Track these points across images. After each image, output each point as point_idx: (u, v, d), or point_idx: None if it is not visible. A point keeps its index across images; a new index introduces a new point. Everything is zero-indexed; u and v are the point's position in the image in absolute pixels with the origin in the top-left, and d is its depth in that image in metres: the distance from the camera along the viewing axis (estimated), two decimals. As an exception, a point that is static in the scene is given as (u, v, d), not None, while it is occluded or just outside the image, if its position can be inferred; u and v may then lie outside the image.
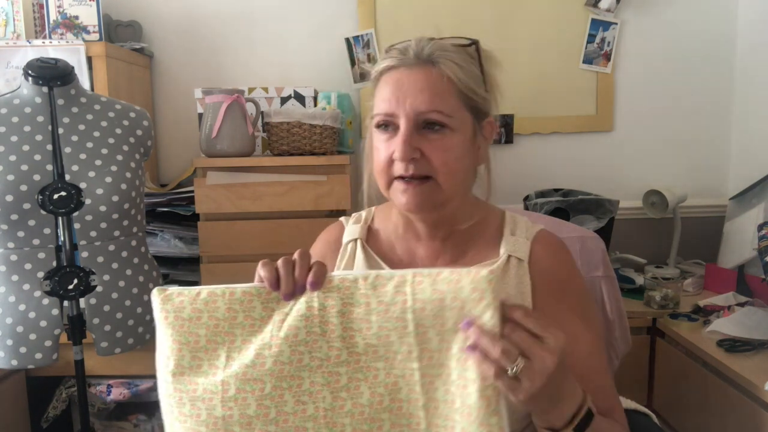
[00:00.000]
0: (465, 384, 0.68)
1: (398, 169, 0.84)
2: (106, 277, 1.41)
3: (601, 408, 0.79)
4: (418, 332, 0.69)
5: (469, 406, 0.67)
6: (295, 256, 0.74)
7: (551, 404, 0.69)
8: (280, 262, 0.73)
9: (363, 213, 1.04)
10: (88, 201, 1.36)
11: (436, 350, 0.69)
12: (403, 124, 0.84)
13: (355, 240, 0.99)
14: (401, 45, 0.89)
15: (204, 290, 0.73)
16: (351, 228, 1.01)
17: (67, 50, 1.77)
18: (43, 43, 1.79)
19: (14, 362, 1.37)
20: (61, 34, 1.86)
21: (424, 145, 0.84)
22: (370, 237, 1.00)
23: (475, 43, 0.89)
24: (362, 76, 2.17)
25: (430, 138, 0.84)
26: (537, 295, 0.90)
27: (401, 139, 0.83)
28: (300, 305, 0.72)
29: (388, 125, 0.86)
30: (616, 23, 2.16)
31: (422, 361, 0.70)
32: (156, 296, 0.74)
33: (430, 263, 0.94)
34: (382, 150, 0.86)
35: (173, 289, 0.74)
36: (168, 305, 0.73)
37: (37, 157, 1.35)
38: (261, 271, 0.73)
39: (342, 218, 1.06)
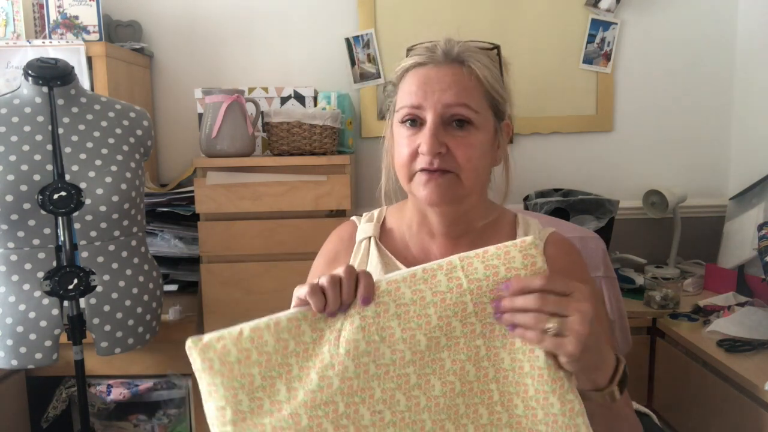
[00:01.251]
0: (531, 348, 0.70)
1: (422, 162, 0.85)
2: (106, 277, 1.41)
3: None
4: (477, 310, 0.71)
5: (539, 368, 0.69)
6: (341, 273, 0.72)
7: (598, 360, 0.70)
8: (325, 282, 0.71)
9: (375, 212, 1.04)
10: (88, 201, 1.36)
11: (496, 322, 0.71)
12: (430, 117, 0.85)
13: (369, 238, 1.00)
14: (428, 44, 0.90)
15: (245, 328, 0.70)
16: (364, 226, 1.02)
17: (67, 50, 1.77)
18: (43, 43, 1.79)
19: (14, 362, 1.37)
20: (61, 34, 1.86)
21: (450, 141, 0.85)
22: (383, 235, 1.01)
23: (497, 47, 0.93)
24: (362, 76, 2.17)
25: (456, 135, 0.85)
26: None
27: (429, 132, 0.84)
28: (353, 318, 0.71)
29: (414, 121, 0.87)
30: (616, 23, 2.16)
31: (485, 336, 0.71)
32: (193, 347, 0.70)
33: None
34: (405, 145, 0.87)
35: (209, 336, 0.70)
36: (210, 353, 0.69)
37: (37, 157, 1.35)
38: (309, 297, 0.71)
39: (353, 217, 1.06)
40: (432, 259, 0.95)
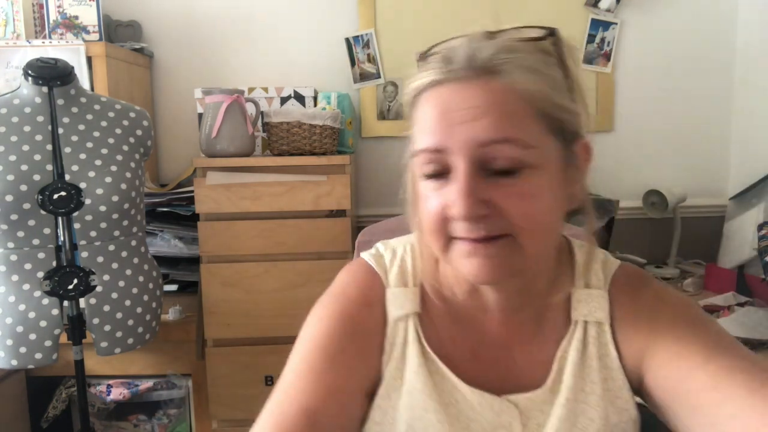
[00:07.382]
0: None
1: (459, 230, 0.58)
2: (106, 277, 1.41)
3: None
4: None
5: None
6: None
7: None
8: None
9: (399, 251, 0.74)
10: (88, 201, 1.37)
11: None
12: (459, 164, 0.57)
13: (407, 317, 0.69)
14: (445, 48, 0.63)
15: None
16: (397, 293, 0.70)
17: (67, 50, 1.77)
18: (43, 43, 1.79)
19: (14, 362, 1.37)
20: (61, 34, 1.86)
21: (495, 192, 0.57)
22: (422, 311, 0.70)
23: (552, 32, 0.63)
24: (362, 76, 2.17)
25: (503, 183, 0.57)
26: (625, 360, 0.67)
27: (460, 188, 0.56)
28: None
29: (438, 174, 0.59)
30: (616, 23, 2.16)
31: None
32: None
33: (501, 347, 0.68)
34: (433, 199, 0.60)
35: None
36: None
37: (37, 157, 1.35)
38: None
39: (369, 260, 0.74)
40: (487, 344, 0.68)
